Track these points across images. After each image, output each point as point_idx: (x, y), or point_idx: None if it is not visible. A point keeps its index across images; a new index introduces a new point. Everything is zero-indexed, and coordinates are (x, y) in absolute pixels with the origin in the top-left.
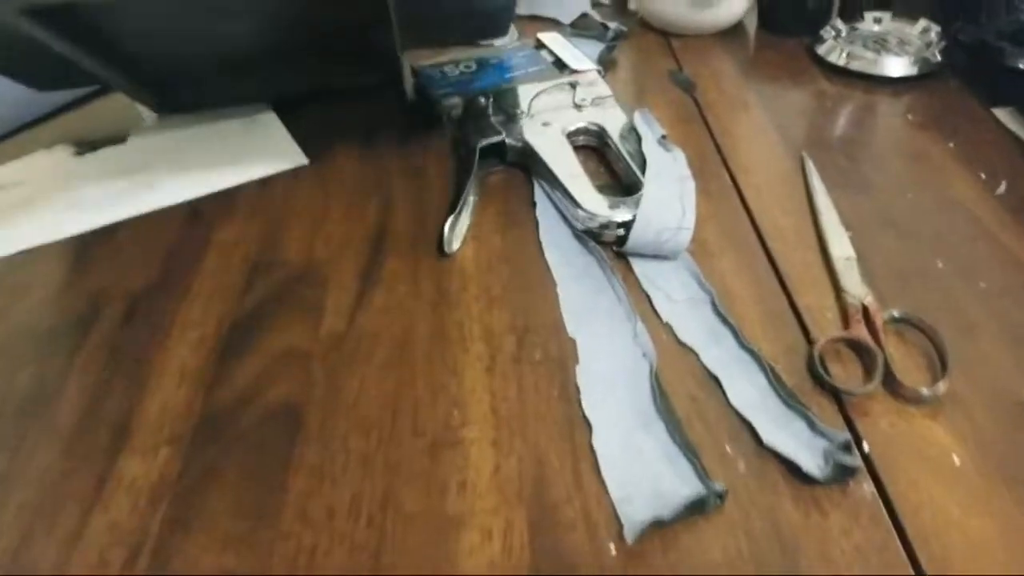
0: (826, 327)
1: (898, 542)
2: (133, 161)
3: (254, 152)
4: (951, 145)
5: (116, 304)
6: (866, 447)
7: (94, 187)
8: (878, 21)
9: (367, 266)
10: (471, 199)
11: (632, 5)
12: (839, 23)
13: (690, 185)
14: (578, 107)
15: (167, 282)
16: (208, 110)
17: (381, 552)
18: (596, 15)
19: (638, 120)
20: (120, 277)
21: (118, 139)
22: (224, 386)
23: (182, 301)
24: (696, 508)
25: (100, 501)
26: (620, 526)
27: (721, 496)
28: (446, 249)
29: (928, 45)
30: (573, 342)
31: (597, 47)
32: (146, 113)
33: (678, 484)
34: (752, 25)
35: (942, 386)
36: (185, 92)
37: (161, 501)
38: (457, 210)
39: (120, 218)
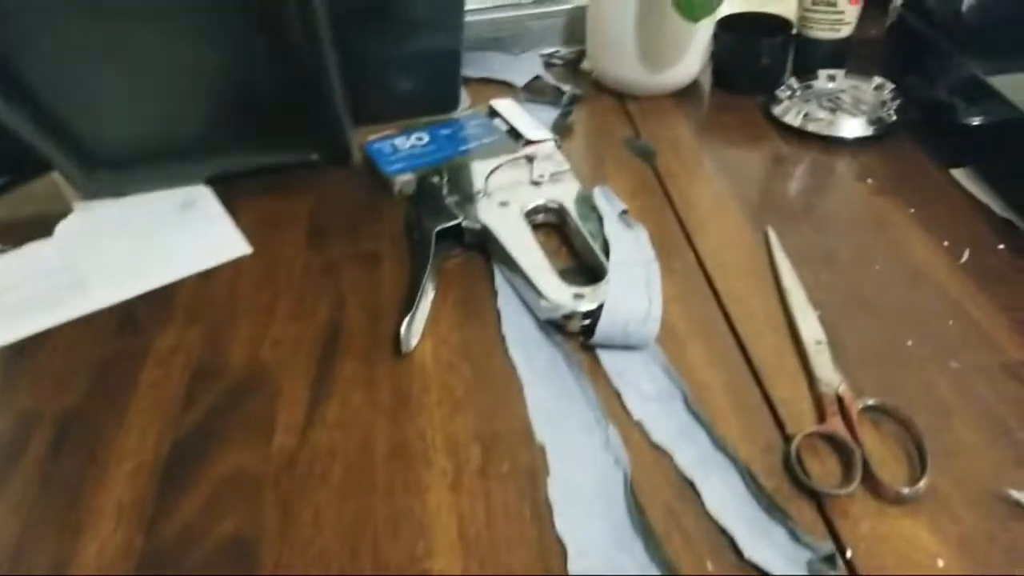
0: (802, 420)
1: None
2: (60, 258)
3: (193, 242)
4: (912, 211)
5: (45, 427)
6: (848, 553)
7: (16, 292)
8: (832, 79)
9: (319, 372)
10: (429, 290)
11: (586, 65)
12: (793, 82)
13: (655, 268)
14: (536, 183)
15: (100, 401)
16: (142, 193)
17: None
18: (550, 77)
19: (598, 196)
20: (49, 396)
21: (43, 231)
22: (167, 521)
23: (118, 425)
24: None
25: None
26: None
27: None
28: (403, 349)
29: (883, 103)
30: (542, 450)
31: (552, 113)
32: (74, 200)
33: None
34: (707, 83)
35: (923, 485)
36: (117, 173)
37: None
38: (414, 306)
39: (47, 326)
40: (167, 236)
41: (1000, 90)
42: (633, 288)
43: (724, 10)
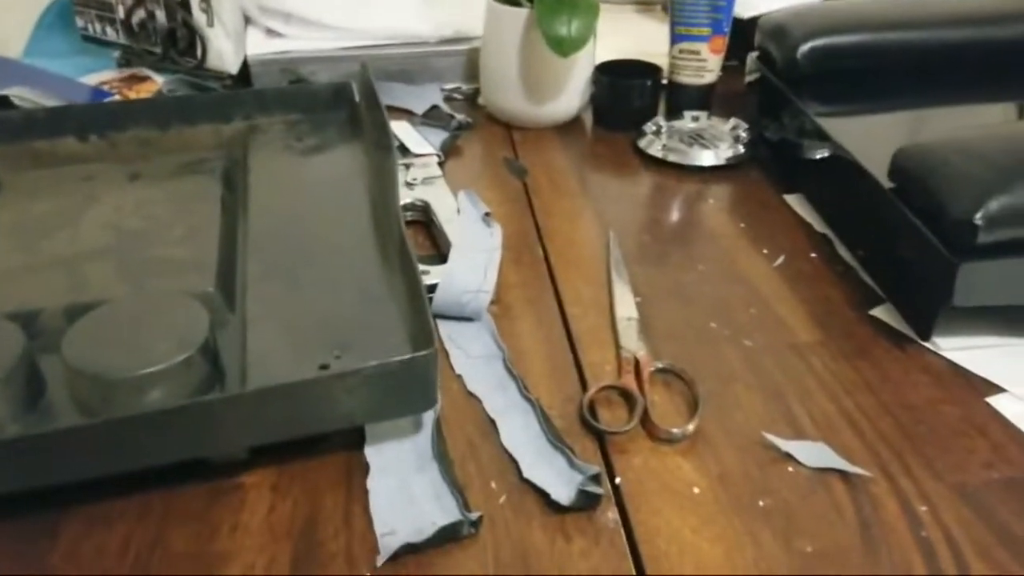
0: (602, 378)
1: (631, 563)
2: None
3: None
4: (743, 226)
5: None
6: (618, 480)
7: None
8: (696, 119)
9: None
10: None
11: (482, 100)
12: (661, 120)
13: (496, 256)
14: (409, 185)
15: None
16: None
17: None
18: (445, 107)
19: (462, 198)
20: None
21: None
22: None
23: None
24: (450, 534)
25: None
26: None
27: (475, 524)
28: None
29: (736, 139)
30: None
31: (441, 135)
32: None
33: (438, 516)
34: (589, 120)
35: (691, 426)
36: None
37: None
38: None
39: None
40: None
41: (826, 130)
42: (471, 267)
43: (603, 56)
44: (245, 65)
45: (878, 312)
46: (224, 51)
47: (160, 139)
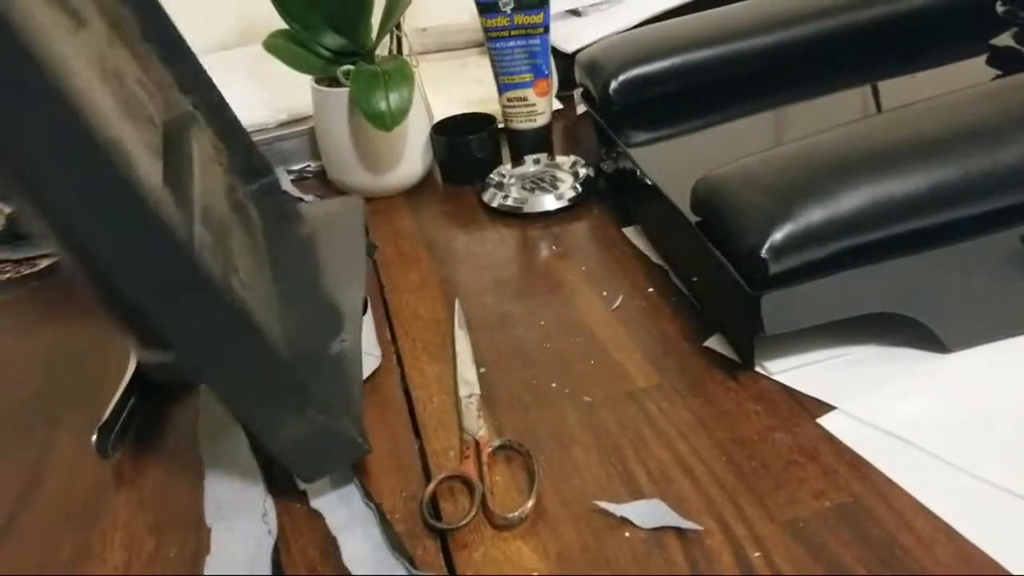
0: (444, 467)
1: None
2: None
3: None
4: (584, 269)
5: None
6: None
7: None
8: (536, 162)
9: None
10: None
11: (330, 176)
12: (505, 168)
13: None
14: None
15: None
16: None
17: None
18: (293, 189)
19: None
20: None
21: None
22: None
23: None
24: None
25: None
26: None
27: None
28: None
29: (575, 177)
30: (209, 532)
31: None
32: None
33: None
34: (438, 177)
35: (529, 504)
36: None
37: None
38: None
39: None
40: None
41: (637, 162)
42: None
43: (442, 107)
44: None
45: (711, 343)
46: None
47: None
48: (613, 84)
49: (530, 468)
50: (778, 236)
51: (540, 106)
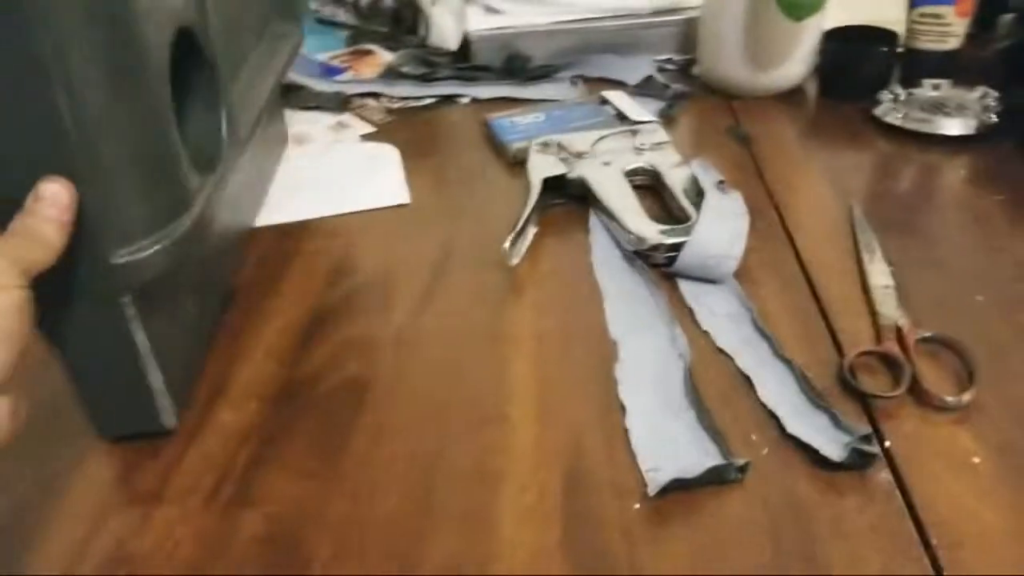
0: (859, 344)
1: (911, 523)
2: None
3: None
4: (1000, 198)
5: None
6: (888, 443)
7: None
8: (936, 88)
9: (433, 276)
10: (532, 225)
11: (696, 70)
12: (898, 88)
13: (744, 222)
14: (638, 151)
15: (262, 276)
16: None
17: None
18: (660, 78)
19: (695, 167)
20: None
21: None
22: (304, 362)
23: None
24: (716, 476)
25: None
26: (646, 489)
27: (742, 469)
28: (507, 262)
29: (985, 109)
30: (615, 344)
31: (658, 104)
32: None
33: (703, 457)
34: (812, 90)
35: (967, 396)
36: None
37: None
38: (518, 229)
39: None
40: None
41: None
42: (719, 230)
43: (832, 21)
44: (465, 41)
45: None
46: (446, 28)
47: None
48: None
49: (967, 361)
50: None
51: (956, 27)
